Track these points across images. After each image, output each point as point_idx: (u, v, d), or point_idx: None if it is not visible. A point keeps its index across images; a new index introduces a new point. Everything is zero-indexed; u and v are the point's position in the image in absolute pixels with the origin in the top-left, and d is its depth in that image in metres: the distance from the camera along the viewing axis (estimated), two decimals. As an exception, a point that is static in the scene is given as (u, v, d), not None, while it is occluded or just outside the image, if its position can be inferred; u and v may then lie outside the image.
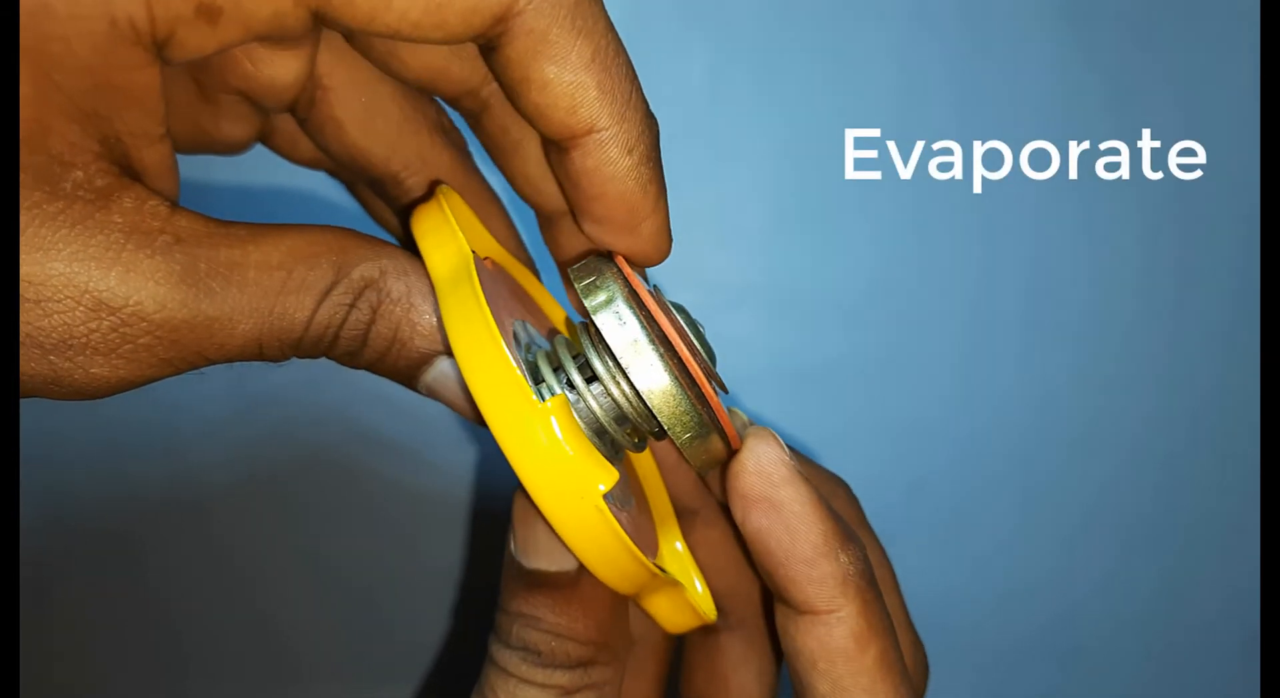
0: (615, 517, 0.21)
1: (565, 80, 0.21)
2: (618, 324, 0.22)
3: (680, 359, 0.23)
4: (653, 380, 0.22)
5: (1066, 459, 0.39)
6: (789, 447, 0.25)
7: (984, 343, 0.39)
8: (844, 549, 0.23)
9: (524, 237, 0.31)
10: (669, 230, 0.24)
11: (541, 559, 0.24)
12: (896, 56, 0.38)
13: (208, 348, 0.21)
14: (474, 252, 0.23)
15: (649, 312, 0.23)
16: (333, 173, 0.29)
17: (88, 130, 0.20)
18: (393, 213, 0.29)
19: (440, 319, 0.23)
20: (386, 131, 0.27)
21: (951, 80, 0.38)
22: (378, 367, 0.24)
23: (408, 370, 0.24)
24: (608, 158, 0.22)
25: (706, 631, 0.28)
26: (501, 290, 0.25)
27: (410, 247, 0.28)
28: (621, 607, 0.25)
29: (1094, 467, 0.37)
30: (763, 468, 0.23)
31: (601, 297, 0.22)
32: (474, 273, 0.22)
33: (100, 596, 0.37)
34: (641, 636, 0.29)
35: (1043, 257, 0.38)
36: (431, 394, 0.24)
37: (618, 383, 0.23)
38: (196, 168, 0.28)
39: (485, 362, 0.21)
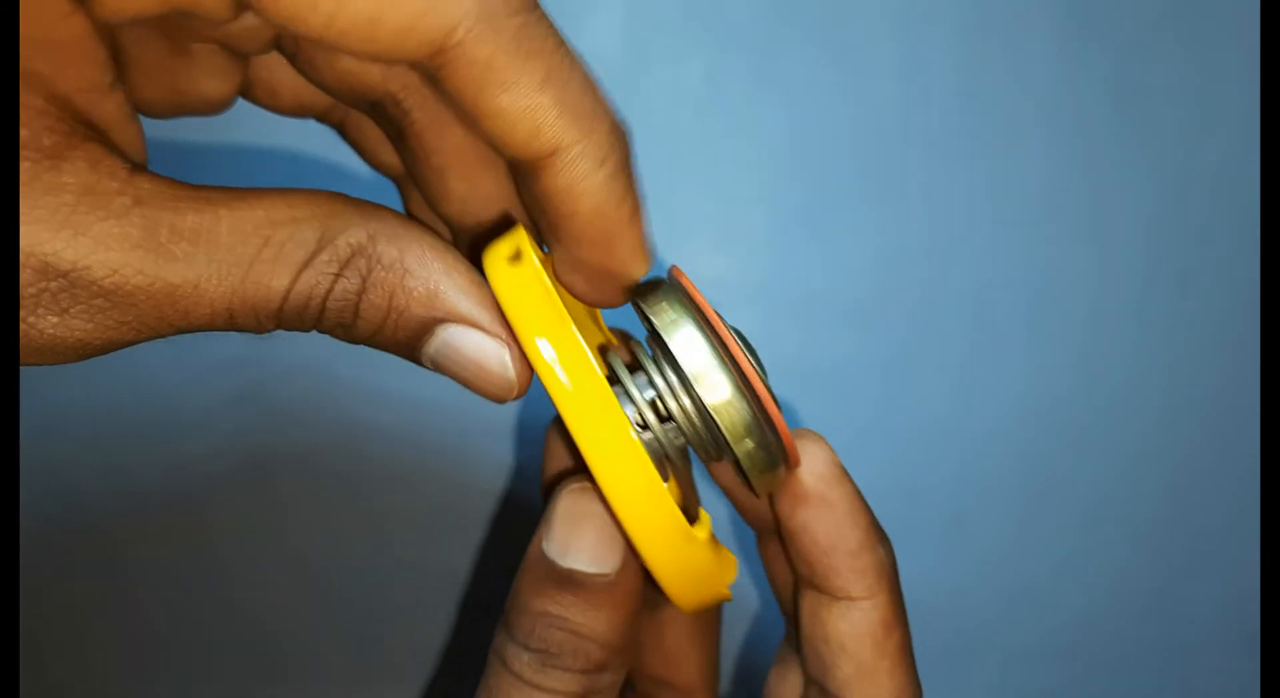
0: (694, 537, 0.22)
1: (520, 106, 0.20)
2: (714, 379, 0.22)
3: (753, 387, 0.22)
4: (734, 418, 0.22)
5: (1069, 461, 0.39)
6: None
7: (986, 345, 0.38)
8: (880, 542, 0.25)
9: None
10: (646, 245, 0.23)
11: (582, 561, 0.23)
12: (898, 56, 0.37)
13: (171, 315, 0.20)
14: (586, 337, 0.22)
15: (725, 344, 0.22)
16: (321, 117, 0.28)
17: (29, 87, 0.19)
18: (391, 143, 0.28)
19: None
20: None
21: (953, 80, 0.37)
22: (376, 340, 0.22)
23: (408, 342, 0.22)
24: (579, 174, 0.21)
25: (656, 608, 0.29)
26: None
27: (407, 204, 0.28)
28: (639, 616, 0.25)
29: (1097, 468, 0.37)
30: (817, 470, 0.25)
31: (669, 316, 0.22)
32: (610, 394, 0.21)
33: (102, 594, 0.37)
34: None
35: (1046, 258, 0.38)
36: (437, 367, 0.22)
37: (702, 417, 0.23)
38: (173, 131, 0.27)
39: (630, 477, 0.21)
